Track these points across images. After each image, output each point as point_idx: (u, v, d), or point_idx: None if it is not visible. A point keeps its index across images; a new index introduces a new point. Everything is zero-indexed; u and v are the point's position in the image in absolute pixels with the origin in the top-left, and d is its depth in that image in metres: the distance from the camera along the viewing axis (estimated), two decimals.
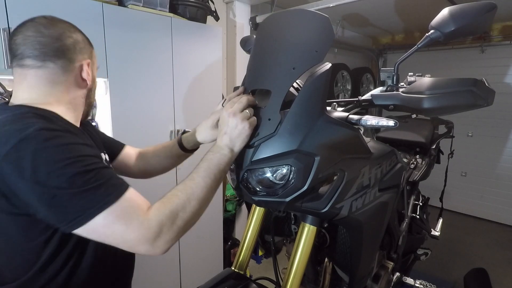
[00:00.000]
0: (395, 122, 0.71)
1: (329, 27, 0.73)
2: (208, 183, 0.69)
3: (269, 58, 0.78)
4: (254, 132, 0.73)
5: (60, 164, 0.56)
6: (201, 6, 1.96)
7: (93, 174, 0.59)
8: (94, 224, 0.57)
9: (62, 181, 0.56)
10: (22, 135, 0.57)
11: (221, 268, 2.36)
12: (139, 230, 0.59)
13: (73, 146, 0.61)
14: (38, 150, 0.56)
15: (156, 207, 0.63)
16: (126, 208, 0.60)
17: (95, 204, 0.57)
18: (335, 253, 0.96)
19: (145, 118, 1.75)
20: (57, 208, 0.57)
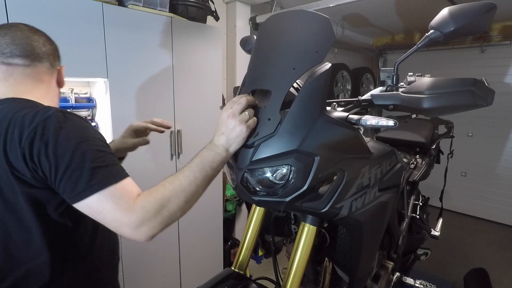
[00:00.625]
0: (395, 122, 0.71)
1: (329, 27, 0.73)
2: (198, 178, 0.70)
3: (269, 58, 0.78)
4: (254, 132, 0.73)
5: (76, 140, 0.65)
6: (201, 6, 1.96)
7: (103, 155, 0.67)
8: (91, 199, 0.63)
9: (76, 155, 0.64)
10: (46, 115, 0.66)
11: (221, 268, 2.36)
12: (123, 212, 0.63)
13: (87, 128, 0.70)
14: (59, 127, 0.65)
15: (143, 195, 0.67)
16: (120, 191, 0.65)
17: (99, 182, 0.64)
18: (335, 253, 0.96)
19: (145, 118, 1.75)
20: (68, 179, 0.64)
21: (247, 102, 0.73)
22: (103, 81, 1.61)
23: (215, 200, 2.26)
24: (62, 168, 0.63)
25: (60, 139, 0.64)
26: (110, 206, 0.64)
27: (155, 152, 1.84)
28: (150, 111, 1.77)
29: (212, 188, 2.40)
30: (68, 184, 0.64)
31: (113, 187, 0.65)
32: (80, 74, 1.50)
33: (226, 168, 0.86)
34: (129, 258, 1.79)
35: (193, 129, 1.98)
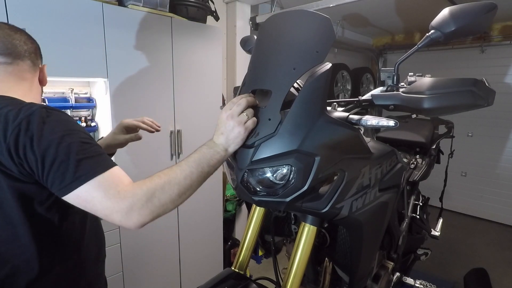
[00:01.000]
0: (395, 122, 0.71)
1: (330, 27, 0.73)
2: (194, 173, 0.71)
3: (270, 58, 0.78)
4: (254, 132, 0.73)
5: (60, 133, 0.66)
6: (201, 6, 1.96)
7: (88, 146, 0.68)
8: (80, 190, 0.64)
9: (62, 148, 0.65)
10: (30, 111, 0.67)
11: (221, 268, 2.36)
12: (114, 198, 0.64)
13: (71, 122, 0.72)
14: (43, 122, 0.66)
15: (136, 183, 0.68)
16: (109, 179, 0.67)
17: (86, 172, 0.65)
18: (335, 253, 0.96)
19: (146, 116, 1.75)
20: (56, 172, 0.65)
21: (247, 103, 0.73)
22: (103, 81, 1.61)
23: (215, 200, 2.26)
24: (48, 162, 0.64)
25: (44, 133, 0.65)
26: (100, 195, 0.65)
27: (155, 152, 1.84)
28: (150, 111, 1.77)
29: (212, 188, 2.41)
30: (56, 177, 0.65)
31: (101, 176, 0.66)
32: (80, 74, 1.50)
33: (227, 168, 0.86)
34: (129, 258, 1.79)
35: (193, 129, 1.98)
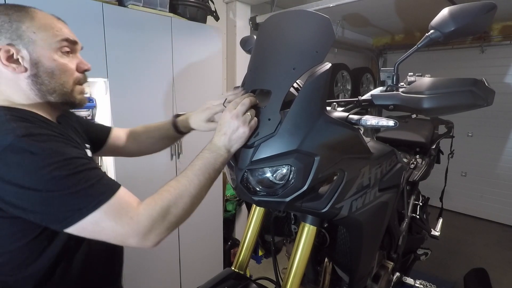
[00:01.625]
0: (395, 122, 0.71)
1: (329, 28, 0.73)
2: (202, 181, 0.70)
3: (269, 58, 0.78)
4: (254, 132, 0.73)
5: (47, 169, 0.57)
6: (201, 6, 1.96)
7: (83, 175, 0.60)
8: (85, 222, 0.59)
9: (51, 185, 0.57)
10: (4, 143, 0.57)
11: (221, 268, 2.36)
12: (129, 226, 0.60)
13: (58, 150, 0.61)
14: (23, 157, 0.57)
15: (147, 203, 0.64)
16: (116, 206, 0.61)
17: (87, 204, 0.59)
18: (335, 253, 0.96)
19: (145, 118, 1.75)
20: (49, 210, 0.58)
21: (250, 103, 0.73)
22: (103, 81, 1.61)
23: (215, 200, 2.26)
24: (40, 206, 0.57)
25: (28, 175, 0.56)
26: (110, 224, 0.60)
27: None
28: (150, 111, 1.77)
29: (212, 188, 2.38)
30: (51, 218, 0.59)
31: (106, 204, 0.60)
32: None
33: (226, 168, 0.86)
34: (129, 258, 1.78)
35: None
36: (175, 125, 1.02)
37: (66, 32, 0.74)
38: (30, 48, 0.68)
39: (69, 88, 0.74)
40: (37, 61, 0.69)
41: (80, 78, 0.77)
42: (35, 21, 0.69)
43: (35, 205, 0.58)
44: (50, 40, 0.70)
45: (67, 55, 0.74)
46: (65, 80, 0.73)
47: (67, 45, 0.73)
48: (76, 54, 0.78)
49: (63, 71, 0.72)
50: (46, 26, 0.70)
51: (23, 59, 0.68)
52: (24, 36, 0.68)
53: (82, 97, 0.78)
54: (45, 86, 0.71)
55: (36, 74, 0.69)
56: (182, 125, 1.01)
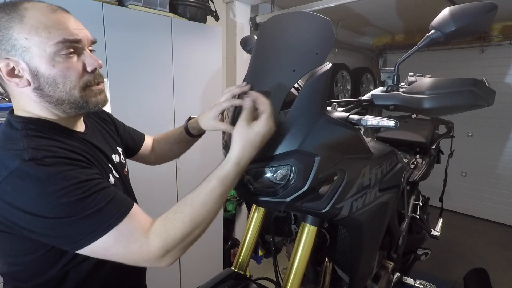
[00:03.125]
0: (395, 122, 0.71)
1: (330, 29, 0.73)
2: (219, 207, 0.67)
3: (269, 59, 0.78)
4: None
5: (55, 195, 0.55)
6: (201, 6, 1.96)
7: (92, 199, 0.58)
8: (95, 246, 0.57)
9: (59, 211, 0.55)
10: (12, 167, 0.55)
11: (221, 268, 2.36)
12: (138, 254, 0.59)
13: (67, 174, 0.57)
14: (30, 183, 0.54)
15: (157, 233, 0.60)
16: (126, 232, 0.59)
17: (96, 228, 0.57)
18: (335, 253, 0.96)
19: (145, 118, 1.75)
20: (58, 235, 0.57)
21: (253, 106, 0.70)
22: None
23: None
24: (50, 231, 0.56)
25: (36, 202, 0.54)
26: (120, 251, 0.58)
27: None
28: (150, 111, 1.77)
29: None
30: (61, 240, 0.57)
31: (116, 229, 0.58)
32: None
33: None
34: None
35: None
36: (187, 129, 1.01)
37: (64, 30, 0.62)
38: (26, 58, 0.60)
39: (77, 94, 0.65)
40: (36, 72, 0.61)
41: (90, 80, 0.67)
42: (24, 23, 0.59)
43: (44, 229, 0.56)
44: (44, 44, 0.60)
45: (69, 57, 0.64)
46: (71, 87, 0.64)
47: (67, 47, 0.63)
48: (84, 51, 0.67)
49: (66, 77, 0.63)
50: (38, 27, 0.60)
51: (24, 71, 0.61)
52: (17, 45, 0.60)
53: (98, 99, 0.70)
54: (52, 98, 0.64)
55: (39, 87, 0.63)
56: (193, 128, 1.00)
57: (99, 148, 0.76)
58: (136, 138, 1.04)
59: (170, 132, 1.08)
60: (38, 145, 0.59)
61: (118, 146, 0.89)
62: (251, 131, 0.66)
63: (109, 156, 0.80)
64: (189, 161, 2.00)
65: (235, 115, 0.85)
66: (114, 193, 0.62)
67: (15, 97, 0.66)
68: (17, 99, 0.66)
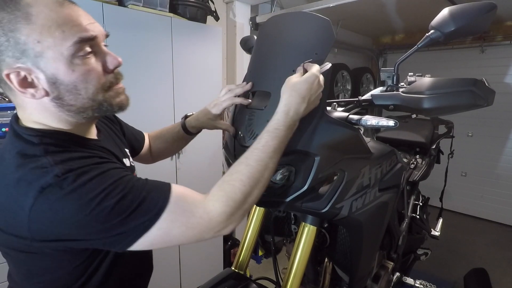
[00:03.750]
0: (395, 122, 0.71)
1: (329, 29, 0.73)
2: (275, 163, 0.64)
3: (269, 60, 0.78)
4: (253, 133, 0.73)
5: (96, 200, 0.51)
6: (201, 6, 1.96)
7: (132, 194, 0.54)
8: (152, 236, 0.54)
9: (104, 216, 0.52)
10: (42, 183, 0.50)
11: (221, 268, 2.36)
12: (200, 225, 0.56)
13: (101, 177, 0.54)
14: (66, 196, 0.50)
15: (217, 198, 0.58)
16: (179, 208, 0.56)
17: (148, 218, 0.54)
18: (335, 253, 0.96)
19: (145, 118, 1.75)
20: (109, 238, 0.54)
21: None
22: None
23: None
24: (98, 235, 0.53)
25: (77, 215, 0.51)
26: (180, 231, 0.56)
27: None
28: (150, 111, 1.77)
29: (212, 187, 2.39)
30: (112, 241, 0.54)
31: (167, 211, 0.55)
32: None
33: (226, 168, 0.86)
34: None
35: None
36: (184, 126, 1.00)
37: (78, 27, 0.55)
38: (41, 64, 0.53)
39: (101, 98, 0.60)
40: (54, 80, 0.54)
41: (111, 80, 0.62)
42: (32, 23, 0.51)
43: (92, 235, 0.53)
44: (60, 47, 0.53)
45: (88, 57, 0.57)
46: (93, 91, 0.58)
47: (84, 47, 0.56)
48: (100, 49, 0.61)
49: (87, 81, 0.57)
50: (50, 27, 0.52)
51: (39, 80, 0.54)
52: (28, 50, 0.52)
53: (121, 100, 0.65)
54: (73, 107, 0.58)
55: (59, 96, 0.56)
56: (190, 126, 0.99)
57: (114, 153, 0.74)
58: (138, 138, 1.02)
59: (165, 130, 1.05)
60: (64, 159, 0.54)
61: (126, 148, 0.86)
62: (298, 80, 0.66)
63: (122, 161, 0.77)
64: (189, 161, 2.00)
65: (235, 115, 0.85)
66: (146, 180, 0.60)
67: (25, 108, 0.58)
68: (29, 111, 0.58)
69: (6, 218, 0.54)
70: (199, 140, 1.08)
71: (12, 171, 0.53)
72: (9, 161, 0.54)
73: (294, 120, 0.65)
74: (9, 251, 0.59)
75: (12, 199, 0.52)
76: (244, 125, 0.78)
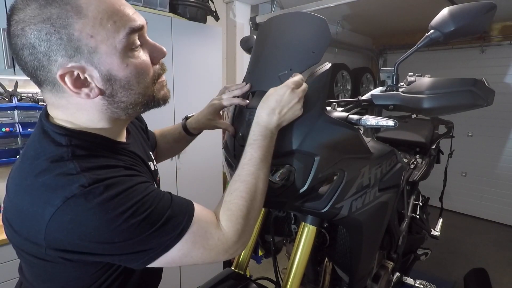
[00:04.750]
0: (395, 122, 0.71)
1: (325, 28, 0.73)
2: (265, 173, 0.65)
3: (268, 59, 0.78)
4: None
5: (122, 217, 0.49)
6: (201, 6, 1.96)
7: (157, 212, 0.52)
8: (170, 256, 0.54)
9: (129, 233, 0.50)
10: (67, 193, 0.47)
11: (221, 268, 2.35)
12: (218, 247, 0.57)
13: (128, 192, 0.51)
14: (91, 210, 0.48)
15: (228, 218, 0.60)
16: (200, 232, 0.56)
17: (170, 238, 0.53)
18: (335, 253, 0.96)
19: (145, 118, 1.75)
20: (130, 255, 0.52)
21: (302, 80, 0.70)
22: None
23: (215, 200, 2.25)
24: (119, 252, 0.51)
25: (101, 229, 0.48)
26: (199, 252, 0.56)
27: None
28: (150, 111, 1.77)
29: (212, 188, 2.40)
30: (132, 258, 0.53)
31: (189, 233, 0.54)
32: None
33: (226, 168, 0.87)
34: None
35: None
36: (185, 127, 1.00)
37: (127, 17, 0.52)
38: (96, 60, 0.50)
39: (150, 92, 0.58)
40: (109, 76, 0.52)
41: (159, 73, 0.61)
42: (84, 16, 0.48)
43: (112, 251, 0.51)
44: (113, 40, 0.50)
45: (138, 50, 0.55)
46: (145, 86, 0.57)
47: (135, 38, 0.53)
48: (146, 40, 0.58)
49: (140, 75, 0.55)
50: (102, 19, 0.49)
51: (93, 78, 0.51)
52: (82, 46, 0.49)
53: (165, 93, 0.64)
54: (124, 103, 0.56)
55: (112, 93, 0.54)
56: (191, 127, 0.99)
57: (141, 157, 0.71)
58: (154, 137, 1.01)
59: (167, 130, 1.05)
60: (91, 166, 0.51)
61: (151, 151, 0.85)
62: (271, 92, 0.68)
63: (148, 164, 0.74)
64: (189, 161, 2.00)
65: (234, 115, 0.85)
66: (171, 197, 0.58)
67: (67, 108, 0.55)
68: (71, 111, 0.55)
69: (23, 222, 0.52)
70: (199, 140, 1.08)
71: (37, 173, 0.50)
72: (34, 161, 0.52)
73: (268, 130, 0.66)
74: (23, 253, 0.57)
75: (32, 203, 0.49)
76: (244, 125, 0.78)
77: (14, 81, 1.53)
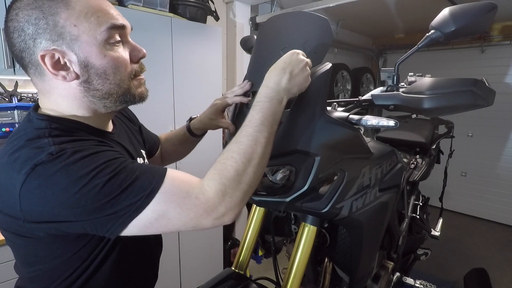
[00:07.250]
0: (395, 122, 0.71)
1: (328, 28, 0.73)
2: (267, 137, 0.61)
3: (268, 59, 0.78)
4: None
5: (86, 178, 0.50)
6: (201, 6, 1.96)
7: (125, 172, 0.53)
8: (146, 218, 0.52)
9: (95, 194, 0.50)
10: (36, 161, 0.50)
11: (221, 268, 2.36)
12: (197, 207, 0.54)
13: (94, 156, 0.53)
14: (56, 173, 0.50)
15: (211, 177, 0.56)
16: (174, 189, 0.54)
17: (138, 198, 0.52)
18: (335, 253, 0.96)
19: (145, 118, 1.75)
20: (100, 219, 0.51)
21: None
22: None
23: None
24: (88, 217, 0.51)
25: (66, 193, 0.49)
26: (176, 212, 0.53)
27: None
28: (150, 111, 1.77)
29: None
30: (102, 224, 0.52)
31: (162, 191, 0.53)
32: None
33: None
34: None
35: None
36: (189, 129, 1.00)
37: (111, 15, 0.59)
38: (76, 47, 0.56)
39: (126, 86, 0.62)
40: (86, 63, 0.57)
41: (136, 70, 0.65)
42: (71, 7, 0.55)
43: (82, 216, 0.51)
44: (94, 31, 0.56)
45: (117, 45, 0.60)
46: (121, 78, 0.61)
47: (115, 34, 0.59)
48: (127, 39, 0.64)
49: (116, 67, 0.59)
50: (87, 11, 0.56)
51: (71, 62, 0.56)
52: (65, 33, 0.55)
53: (142, 90, 0.67)
54: (99, 92, 0.60)
55: (88, 80, 0.58)
56: (195, 128, 0.99)
57: (127, 150, 0.72)
58: (156, 140, 1.01)
59: (173, 133, 1.06)
60: (64, 140, 0.54)
61: (142, 149, 0.86)
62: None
63: (135, 159, 0.75)
64: (189, 161, 2.00)
65: (235, 113, 0.85)
66: (142, 164, 0.59)
67: (51, 94, 0.60)
68: (54, 97, 0.60)
69: (1, 197, 0.54)
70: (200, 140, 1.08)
71: (13, 151, 0.53)
72: (13, 142, 0.55)
73: (275, 91, 0.64)
74: (8, 234, 0.59)
75: (7, 177, 0.52)
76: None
77: (14, 81, 1.53)
